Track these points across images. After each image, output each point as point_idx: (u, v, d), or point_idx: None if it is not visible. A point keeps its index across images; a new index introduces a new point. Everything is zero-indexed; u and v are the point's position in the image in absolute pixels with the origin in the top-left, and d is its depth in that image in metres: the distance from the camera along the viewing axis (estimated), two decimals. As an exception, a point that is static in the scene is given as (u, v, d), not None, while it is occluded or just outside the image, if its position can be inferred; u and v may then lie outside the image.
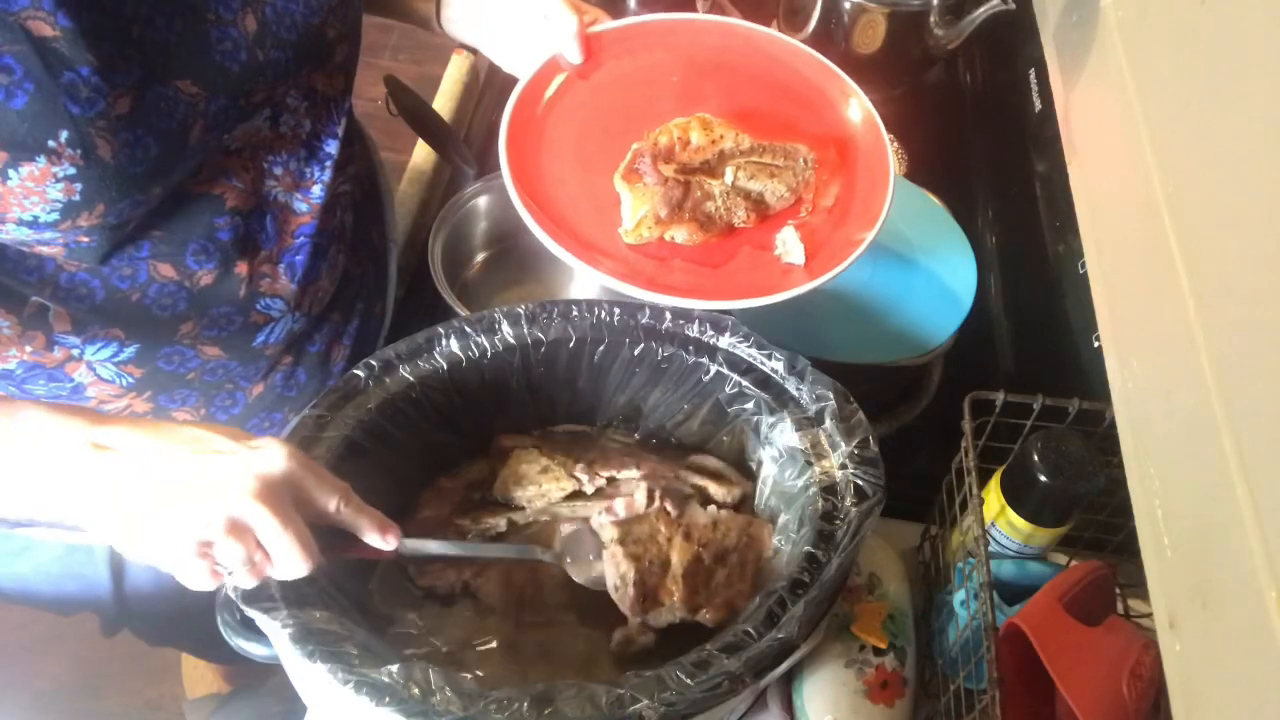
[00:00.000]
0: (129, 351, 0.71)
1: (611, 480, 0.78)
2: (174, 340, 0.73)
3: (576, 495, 0.77)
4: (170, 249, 0.69)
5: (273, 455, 0.57)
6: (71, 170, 0.58)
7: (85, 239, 0.63)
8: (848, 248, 0.72)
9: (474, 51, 0.91)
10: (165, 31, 0.61)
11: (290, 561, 0.57)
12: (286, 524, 0.56)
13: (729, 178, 0.73)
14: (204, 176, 0.69)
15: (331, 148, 0.77)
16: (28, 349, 0.68)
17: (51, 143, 0.56)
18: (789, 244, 0.73)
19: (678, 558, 0.69)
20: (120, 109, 0.59)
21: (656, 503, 0.73)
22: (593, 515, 0.74)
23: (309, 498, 0.58)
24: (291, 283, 0.77)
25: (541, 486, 0.76)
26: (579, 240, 0.72)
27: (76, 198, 0.59)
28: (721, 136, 0.75)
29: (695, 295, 0.70)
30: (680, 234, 0.72)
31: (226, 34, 0.64)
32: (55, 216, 0.59)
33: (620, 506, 0.73)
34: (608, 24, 0.82)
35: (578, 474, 0.77)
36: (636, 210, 0.73)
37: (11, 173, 0.56)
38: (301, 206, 0.76)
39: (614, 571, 0.69)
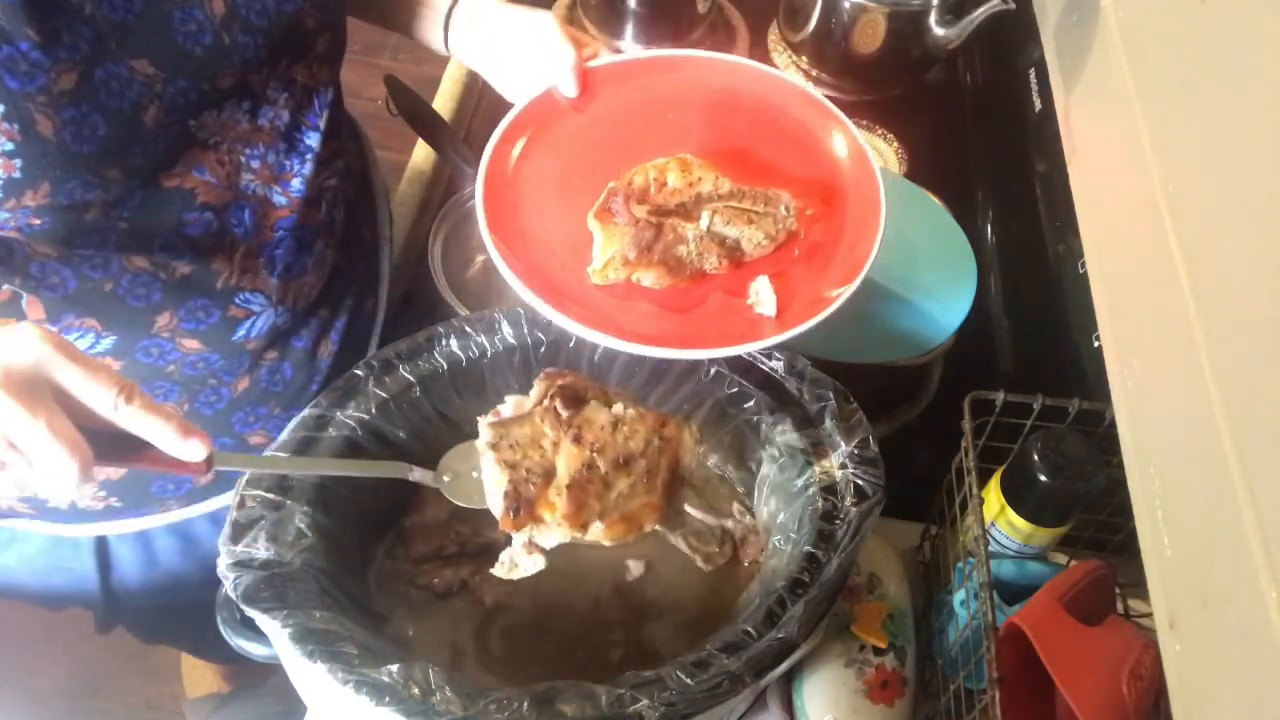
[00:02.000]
0: (106, 343, 0.71)
1: None
2: (151, 333, 0.72)
3: None
4: (137, 241, 0.68)
5: (23, 340, 0.50)
6: (9, 146, 0.57)
7: (36, 220, 0.62)
8: (822, 302, 0.68)
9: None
10: (122, 11, 0.60)
11: (49, 461, 0.50)
12: (38, 415, 0.49)
13: (704, 222, 0.70)
14: (178, 170, 0.68)
15: (312, 140, 0.76)
16: None
17: None
18: (762, 294, 0.69)
19: (564, 465, 0.61)
20: (63, 85, 0.58)
21: (545, 401, 0.64)
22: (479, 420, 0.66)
23: (78, 392, 0.51)
24: (272, 276, 0.77)
25: None
26: (546, 278, 0.68)
27: (17, 174, 0.58)
28: (700, 179, 0.72)
29: (658, 343, 0.65)
30: (648, 277, 0.69)
31: (191, 15, 0.63)
32: None
33: (507, 407, 0.66)
34: (607, 58, 0.81)
35: None
36: (606, 250, 0.69)
37: None
38: (280, 200, 0.76)
39: (490, 481, 0.62)
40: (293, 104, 0.74)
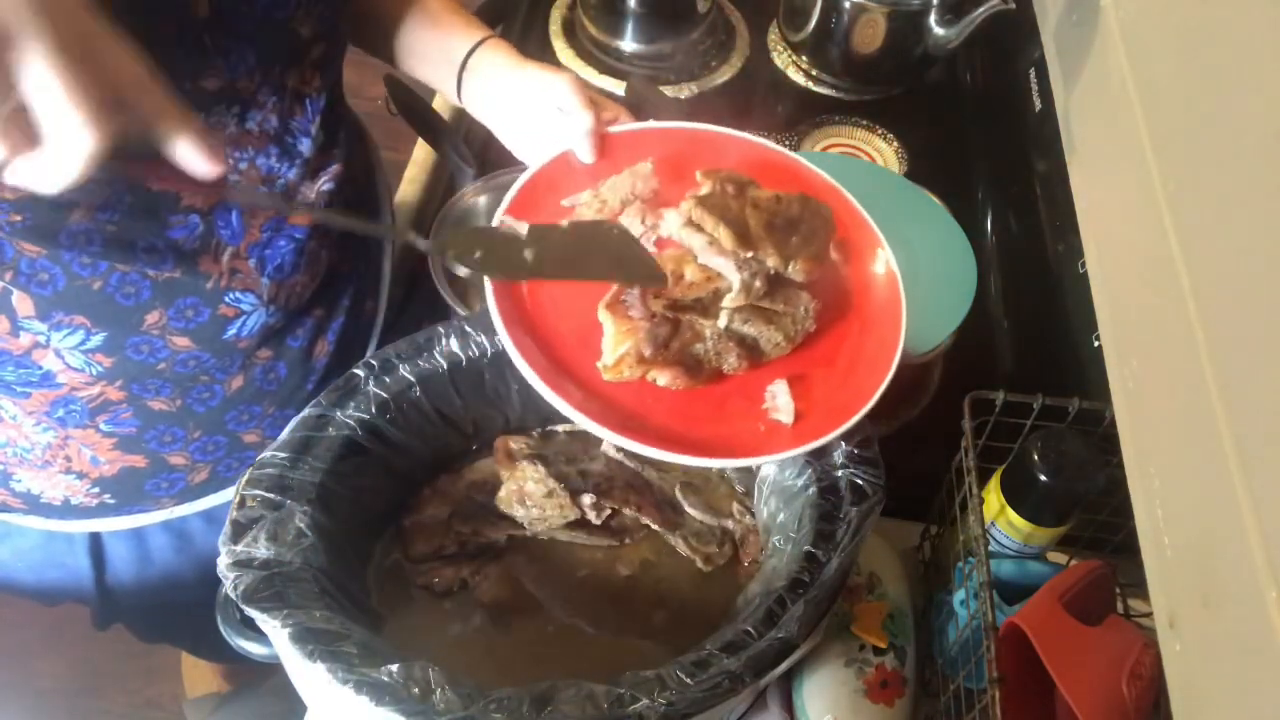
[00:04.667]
0: (96, 339, 0.71)
1: (615, 513, 0.78)
2: (141, 330, 0.72)
3: (578, 524, 0.78)
4: (121, 245, 0.68)
5: None
6: None
7: (17, 217, 0.62)
8: (841, 415, 0.65)
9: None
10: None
11: (72, 124, 0.42)
12: (70, 52, 0.40)
13: (723, 320, 0.66)
14: (164, 173, 0.68)
15: (304, 146, 0.75)
16: None
17: None
18: (780, 400, 0.66)
19: (754, 222, 0.66)
20: None
21: (717, 187, 0.68)
22: (629, 214, 0.71)
23: (103, 53, 0.43)
24: (262, 276, 0.76)
25: (545, 511, 0.76)
26: (553, 363, 0.64)
27: None
28: (718, 274, 0.68)
29: (669, 448, 0.61)
30: (663, 377, 0.65)
31: (170, 16, 0.62)
32: None
33: (671, 218, 0.69)
34: (629, 125, 0.76)
35: (583, 504, 0.77)
36: (618, 346, 0.65)
37: None
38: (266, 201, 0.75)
39: (697, 235, 0.66)
40: (282, 108, 0.73)
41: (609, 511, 0.78)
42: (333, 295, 0.86)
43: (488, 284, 0.66)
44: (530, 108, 0.77)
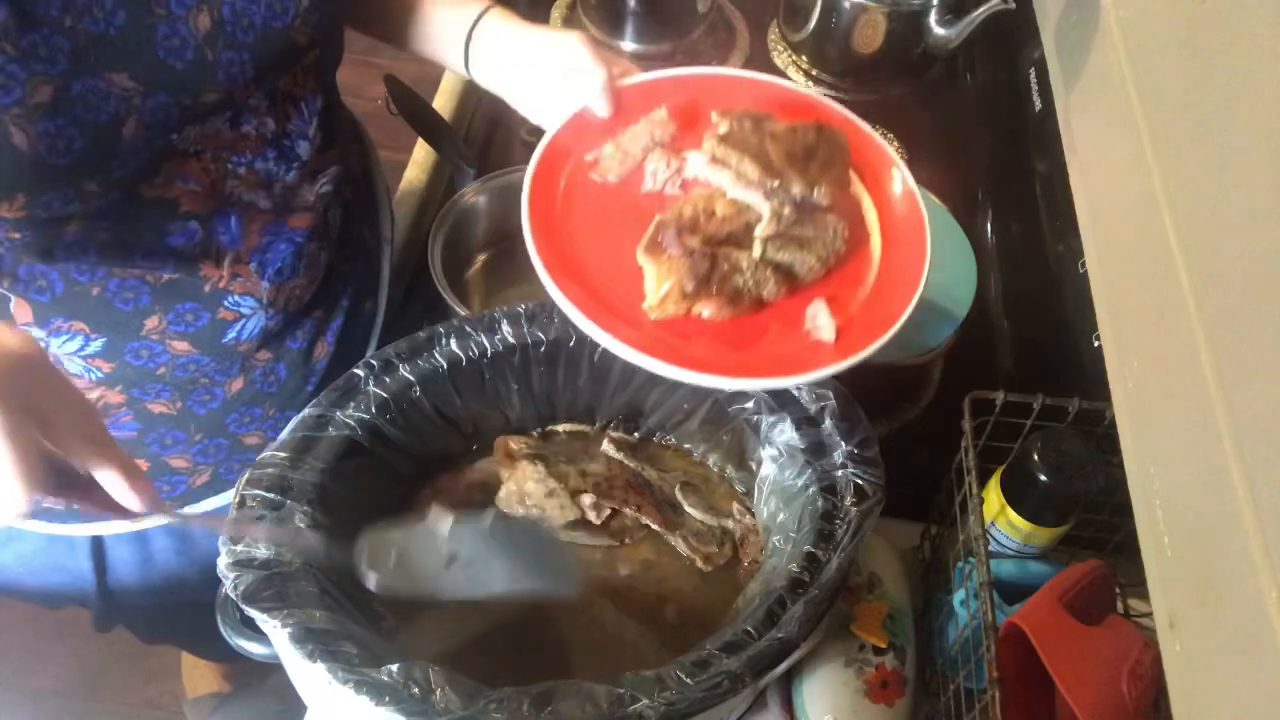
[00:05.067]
0: (96, 345, 0.71)
1: (615, 513, 0.78)
2: (140, 335, 0.72)
3: (578, 524, 0.78)
4: (118, 252, 0.68)
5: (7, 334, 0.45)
6: None
7: (15, 234, 0.62)
8: (879, 327, 0.67)
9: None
10: (104, 24, 0.59)
11: (6, 489, 0.45)
12: (9, 419, 0.43)
13: (758, 250, 0.69)
14: (159, 180, 0.67)
15: (302, 149, 0.75)
16: None
17: None
18: (820, 319, 0.68)
19: (775, 154, 0.70)
20: (40, 98, 0.57)
21: (733, 124, 0.72)
22: (652, 160, 0.73)
23: (43, 409, 0.46)
24: (262, 280, 0.76)
25: (545, 511, 0.76)
26: (602, 308, 0.66)
27: None
28: (748, 206, 0.70)
29: (719, 371, 0.64)
30: (708, 310, 0.67)
31: (174, 30, 0.62)
32: None
33: (694, 159, 0.73)
34: (639, 77, 0.78)
35: (583, 504, 0.77)
36: (661, 284, 0.67)
37: None
38: (265, 204, 0.75)
39: (723, 171, 0.70)
40: (275, 111, 0.73)
41: (609, 511, 0.78)
42: (332, 296, 0.86)
43: (528, 236, 0.67)
44: (542, 70, 0.78)
